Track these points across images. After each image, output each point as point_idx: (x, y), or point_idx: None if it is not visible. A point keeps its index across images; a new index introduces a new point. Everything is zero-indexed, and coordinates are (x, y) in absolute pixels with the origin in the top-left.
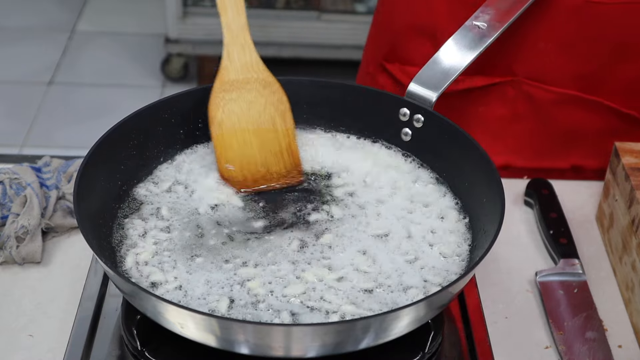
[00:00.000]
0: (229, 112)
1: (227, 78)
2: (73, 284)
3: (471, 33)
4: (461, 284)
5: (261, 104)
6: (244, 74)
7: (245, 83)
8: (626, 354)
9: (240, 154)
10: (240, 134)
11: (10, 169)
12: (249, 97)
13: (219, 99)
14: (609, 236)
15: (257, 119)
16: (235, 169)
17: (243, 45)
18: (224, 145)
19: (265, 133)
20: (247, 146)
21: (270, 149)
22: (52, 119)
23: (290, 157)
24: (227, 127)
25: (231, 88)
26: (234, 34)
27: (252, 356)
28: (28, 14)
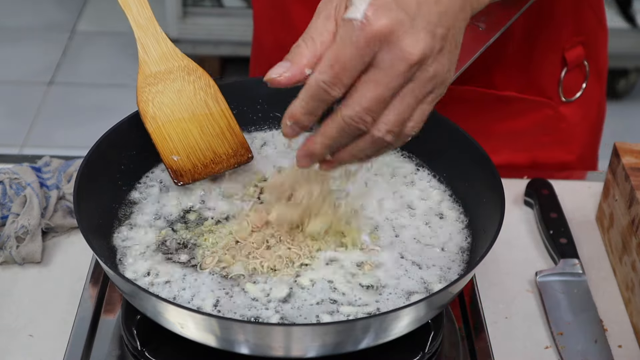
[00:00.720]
0: (160, 105)
1: (149, 71)
2: (73, 284)
3: (471, 33)
4: (461, 284)
5: (190, 90)
6: (164, 64)
7: (168, 73)
8: (626, 354)
9: (182, 143)
10: (177, 124)
11: (10, 169)
12: (176, 86)
13: (145, 93)
14: (609, 236)
15: (189, 106)
16: (182, 159)
17: (155, 37)
18: (164, 138)
19: (201, 118)
20: (188, 134)
21: (210, 132)
22: (52, 119)
23: (233, 136)
24: (162, 120)
25: (155, 81)
26: (143, 27)
27: (252, 356)
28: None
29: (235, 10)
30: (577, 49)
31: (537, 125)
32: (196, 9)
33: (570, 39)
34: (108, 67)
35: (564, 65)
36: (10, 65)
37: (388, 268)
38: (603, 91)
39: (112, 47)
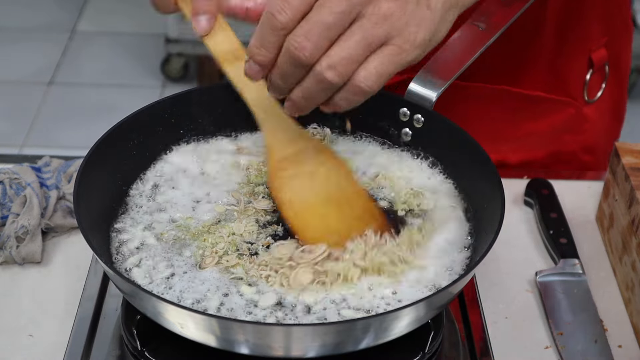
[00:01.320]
0: (294, 189)
1: (279, 156)
2: (73, 284)
3: (471, 33)
4: (461, 284)
5: (323, 171)
6: (292, 147)
7: (298, 155)
8: (626, 354)
9: (321, 229)
10: (314, 209)
11: (10, 169)
12: (308, 168)
13: (277, 180)
14: (609, 236)
15: (324, 189)
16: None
17: (280, 118)
18: (303, 225)
19: (339, 200)
20: (325, 220)
21: (350, 215)
22: (52, 119)
23: (372, 218)
24: (299, 205)
25: (286, 165)
26: (265, 109)
27: (252, 356)
28: (28, 14)
29: None
30: (601, 50)
31: (560, 125)
32: None
33: (597, 40)
34: (108, 67)
35: (590, 66)
36: (10, 65)
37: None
38: (624, 92)
39: (112, 47)
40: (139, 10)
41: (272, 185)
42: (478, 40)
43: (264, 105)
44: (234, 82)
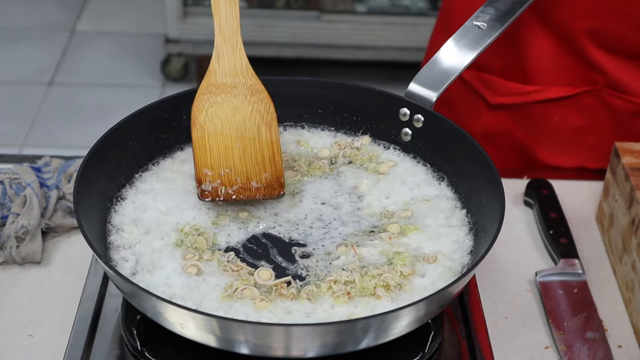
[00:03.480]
0: (212, 115)
1: (214, 80)
2: (73, 284)
3: (471, 33)
4: (461, 284)
5: (247, 110)
6: (232, 77)
7: (232, 87)
8: (626, 354)
9: (220, 160)
10: (222, 139)
11: (10, 169)
12: (235, 102)
13: (203, 100)
14: (609, 236)
15: (241, 126)
16: (214, 175)
17: (234, 48)
18: (204, 149)
19: (248, 141)
20: (228, 152)
21: (252, 158)
22: (52, 119)
23: (272, 168)
24: (209, 131)
25: (217, 91)
26: (225, 36)
27: (252, 356)
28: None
29: None
30: None
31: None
32: (196, 9)
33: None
34: (108, 67)
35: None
36: (10, 65)
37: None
38: None
39: (112, 47)
40: (139, 10)
41: (195, 103)
42: (478, 40)
43: (226, 32)
44: (212, 4)
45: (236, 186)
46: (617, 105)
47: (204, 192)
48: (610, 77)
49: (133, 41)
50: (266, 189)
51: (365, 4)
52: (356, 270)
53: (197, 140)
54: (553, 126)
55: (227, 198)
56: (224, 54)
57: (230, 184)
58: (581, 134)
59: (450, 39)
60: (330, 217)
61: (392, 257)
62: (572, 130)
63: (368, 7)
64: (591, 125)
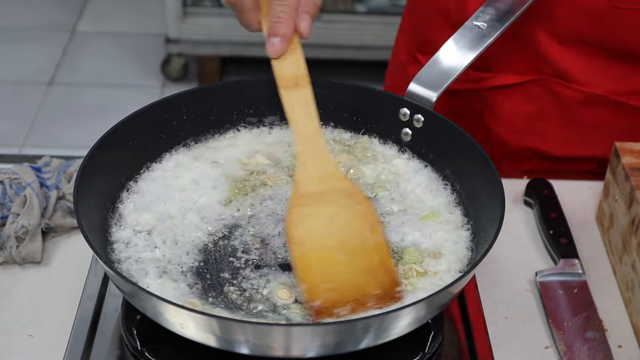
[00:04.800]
0: (309, 230)
1: (303, 191)
2: (73, 284)
3: (471, 33)
4: (461, 284)
5: (345, 216)
6: (321, 185)
7: (324, 194)
8: (626, 354)
9: (326, 275)
10: (324, 253)
11: (10, 169)
12: (330, 210)
13: (296, 215)
14: (609, 236)
15: (342, 234)
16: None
17: (318, 153)
18: (307, 267)
19: (353, 249)
20: (333, 266)
21: (360, 267)
22: (52, 119)
23: (386, 275)
24: (310, 246)
25: (308, 202)
26: (307, 142)
27: (252, 356)
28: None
29: None
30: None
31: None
32: (196, 9)
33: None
34: (108, 67)
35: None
36: (10, 65)
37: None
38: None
39: (112, 47)
40: (139, 10)
41: (288, 218)
42: (478, 40)
43: (308, 138)
44: (286, 109)
45: (351, 300)
46: (564, 93)
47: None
48: (555, 65)
49: (133, 41)
50: (384, 298)
51: (365, 4)
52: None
53: (299, 259)
54: (505, 113)
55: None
56: (308, 161)
57: (343, 298)
58: (530, 121)
59: (450, 39)
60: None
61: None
62: (522, 116)
63: (368, 7)
64: (539, 113)
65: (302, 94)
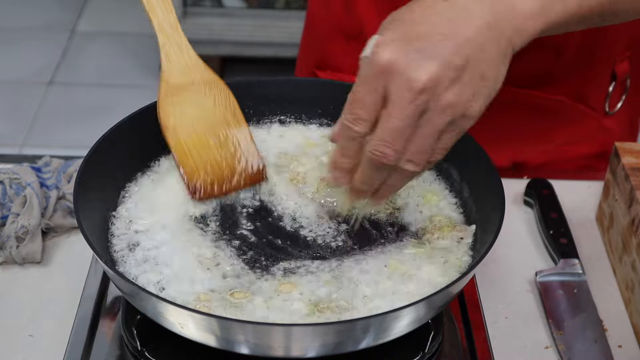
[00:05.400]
0: (181, 117)
1: (172, 82)
2: (73, 284)
3: None
4: (461, 284)
5: (210, 104)
6: (187, 76)
7: (190, 85)
8: (626, 354)
9: (202, 158)
10: (197, 138)
11: (10, 169)
12: (197, 98)
13: (167, 104)
14: (609, 236)
15: (210, 120)
16: (201, 174)
17: (179, 45)
18: (184, 153)
19: (220, 133)
20: (207, 149)
21: (228, 149)
22: (52, 119)
23: (250, 155)
24: (183, 134)
25: (177, 91)
26: (168, 34)
27: (252, 356)
28: (28, 14)
29: (235, 10)
30: (624, 63)
31: (581, 136)
32: (196, 9)
33: (621, 53)
34: (108, 67)
35: (613, 79)
36: (10, 65)
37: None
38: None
39: (112, 47)
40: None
41: (160, 109)
42: None
43: (167, 29)
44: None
45: (224, 178)
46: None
47: (196, 194)
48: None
49: (133, 41)
50: (251, 177)
51: None
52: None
53: (175, 145)
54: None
55: (220, 193)
56: (172, 53)
57: (218, 178)
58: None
59: None
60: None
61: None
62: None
63: None
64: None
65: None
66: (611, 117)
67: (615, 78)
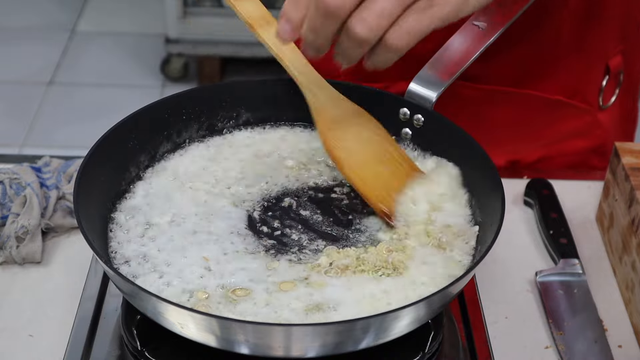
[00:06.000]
0: (346, 149)
1: (327, 115)
2: (73, 284)
3: (471, 33)
4: (461, 284)
5: (367, 134)
6: (337, 108)
7: (342, 117)
8: (626, 354)
9: (378, 184)
10: (368, 165)
11: (10, 169)
12: (355, 130)
13: (330, 139)
14: (609, 236)
15: (372, 150)
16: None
17: (318, 81)
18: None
19: (388, 161)
20: (379, 175)
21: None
22: (52, 119)
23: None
24: (354, 162)
25: (334, 125)
26: (304, 73)
27: (252, 356)
28: (28, 14)
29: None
30: (617, 57)
31: (575, 130)
32: (196, 9)
33: (615, 47)
34: (108, 67)
35: (607, 73)
36: (10, 65)
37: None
38: (635, 98)
39: (112, 47)
40: (139, 10)
41: (326, 146)
42: (478, 40)
43: (303, 69)
44: (271, 47)
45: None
46: (463, 93)
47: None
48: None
49: (133, 41)
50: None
51: None
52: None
53: (351, 176)
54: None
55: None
56: (314, 88)
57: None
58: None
59: (451, 39)
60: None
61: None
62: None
63: None
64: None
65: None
66: (605, 111)
67: (609, 72)
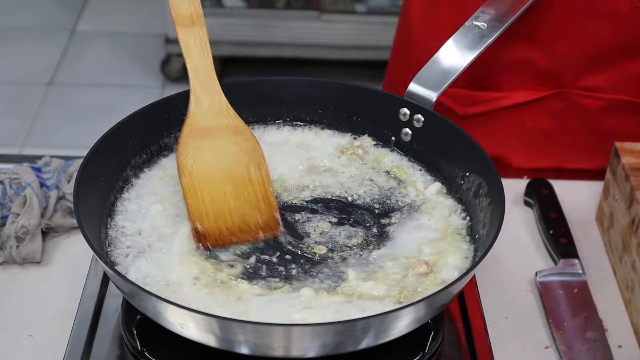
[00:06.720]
0: (200, 161)
1: (196, 125)
2: (73, 284)
3: (471, 33)
4: (461, 284)
5: (234, 151)
6: (213, 120)
7: (215, 130)
8: (626, 354)
9: (214, 205)
10: (213, 184)
11: (10, 169)
12: (220, 144)
13: (188, 146)
14: (609, 236)
15: (229, 167)
16: (210, 221)
17: (212, 91)
18: (197, 198)
19: (239, 182)
20: (221, 197)
21: (245, 199)
22: (52, 119)
23: (267, 207)
24: (199, 178)
25: (200, 135)
26: (201, 79)
27: (252, 356)
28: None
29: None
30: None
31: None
32: None
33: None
34: (108, 67)
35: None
36: (10, 65)
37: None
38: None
39: (112, 47)
40: (139, 10)
41: (180, 150)
42: (478, 40)
43: (202, 75)
44: (182, 47)
45: (235, 228)
46: (586, 104)
47: (202, 239)
48: (576, 76)
49: (133, 41)
50: (264, 229)
51: (365, 4)
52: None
53: (188, 188)
54: (525, 130)
55: (228, 243)
56: (202, 97)
57: (228, 227)
58: (554, 137)
59: (451, 39)
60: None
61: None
62: (544, 133)
63: (368, 7)
64: (563, 127)
65: (197, 33)
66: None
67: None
